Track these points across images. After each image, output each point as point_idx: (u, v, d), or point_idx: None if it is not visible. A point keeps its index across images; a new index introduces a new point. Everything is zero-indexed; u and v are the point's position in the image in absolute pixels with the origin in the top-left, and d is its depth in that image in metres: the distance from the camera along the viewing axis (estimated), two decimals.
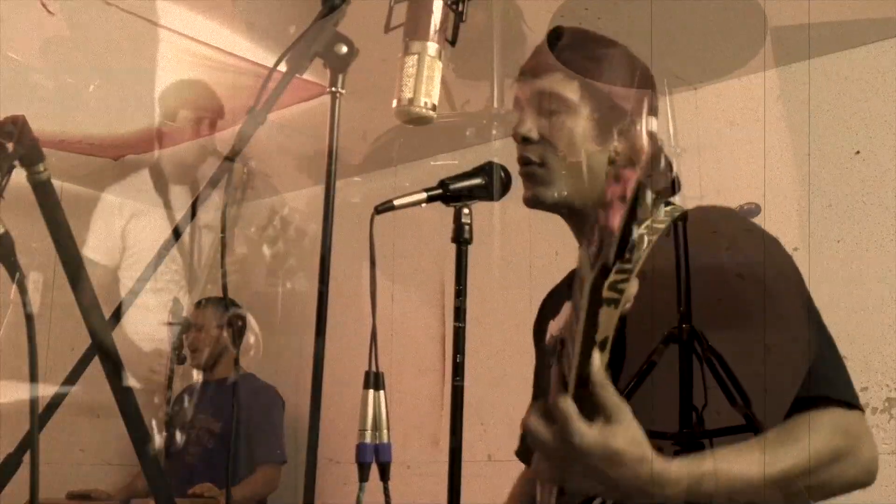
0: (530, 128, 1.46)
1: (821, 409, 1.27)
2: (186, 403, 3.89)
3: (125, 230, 3.65)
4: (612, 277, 1.33)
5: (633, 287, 1.32)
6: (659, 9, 2.83)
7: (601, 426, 1.06)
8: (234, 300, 3.94)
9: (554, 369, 1.11)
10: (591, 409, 1.07)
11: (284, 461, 3.98)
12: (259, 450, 3.89)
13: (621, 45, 1.49)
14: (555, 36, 1.48)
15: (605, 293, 1.32)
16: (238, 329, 3.97)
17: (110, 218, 3.62)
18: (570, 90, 1.43)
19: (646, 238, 1.37)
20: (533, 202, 1.47)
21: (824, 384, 1.29)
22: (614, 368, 1.30)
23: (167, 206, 3.61)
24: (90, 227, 3.65)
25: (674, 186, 1.53)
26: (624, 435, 1.07)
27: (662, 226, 1.37)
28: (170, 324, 3.50)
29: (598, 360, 1.09)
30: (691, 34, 2.99)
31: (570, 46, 1.46)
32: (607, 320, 1.32)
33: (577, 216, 1.48)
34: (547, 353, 1.56)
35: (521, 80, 1.49)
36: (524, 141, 1.46)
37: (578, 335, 1.06)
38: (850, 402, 1.31)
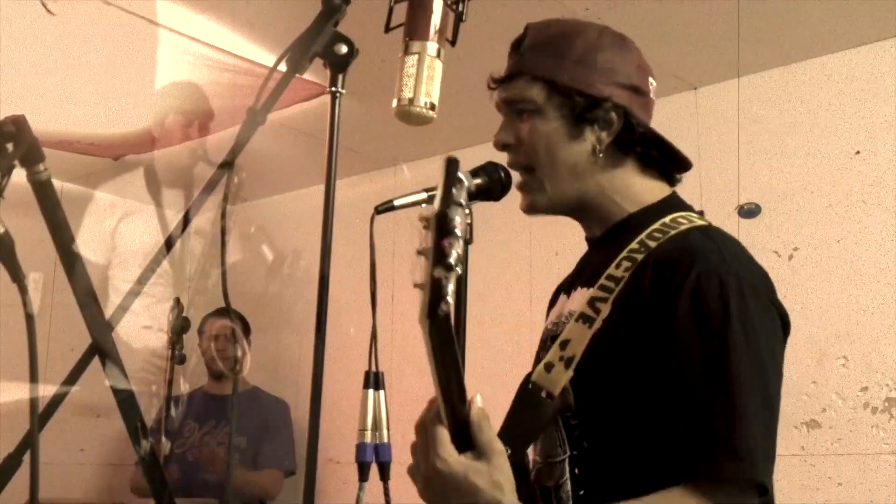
0: (506, 134, 1.46)
1: (687, 488, 1.19)
2: (193, 416, 3.87)
3: (116, 230, 3.65)
4: (594, 293, 1.32)
5: (605, 310, 1.31)
6: (659, 9, 2.83)
7: (469, 459, 1.09)
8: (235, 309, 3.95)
9: (435, 397, 1.13)
10: (467, 441, 1.10)
11: (291, 471, 3.98)
12: (264, 455, 3.89)
13: (589, 27, 1.46)
14: (519, 39, 1.48)
15: (584, 308, 1.32)
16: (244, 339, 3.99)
17: (103, 216, 3.62)
18: (535, 93, 1.42)
19: (633, 256, 1.33)
20: (529, 210, 1.47)
21: (711, 457, 1.20)
22: (581, 389, 1.29)
23: (160, 207, 3.62)
24: (83, 225, 3.65)
25: (680, 163, 1.50)
26: (487, 474, 1.09)
27: (654, 243, 1.34)
28: (170, 335, 3.51)
29: (478, 400, 1.12)
30: (691, 34, 2.99)
31: (532, 47, 1.44)
32: (578, 338, 1.31)
33: (579, 211, 1.48)
34: (540, 344, 1.56)
35: (493, 90, 1.49)
36: (504, 148, 1.47)
37: (434, 378, 1.08)
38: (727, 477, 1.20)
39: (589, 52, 1.42)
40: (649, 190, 1.46)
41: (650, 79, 1.46)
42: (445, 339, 1.02)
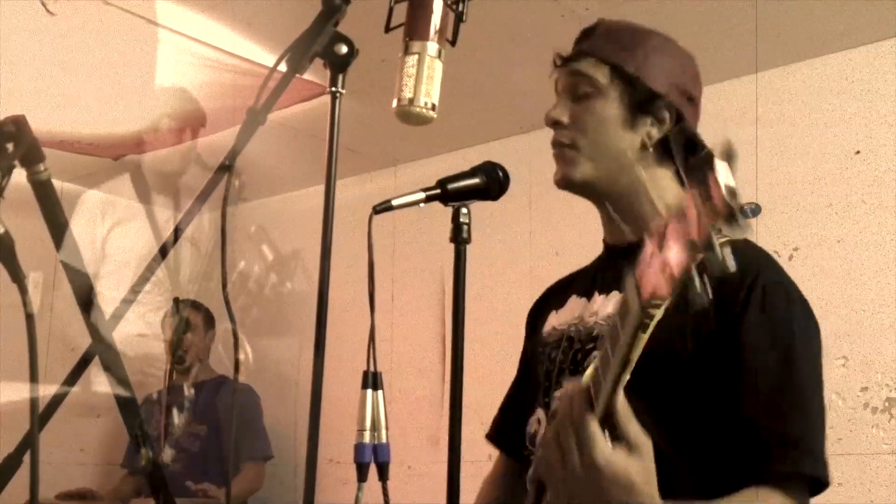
0: (561, 112, 1.48)
1: (768, 487, 1.27)
2: (166, 408, 3.88)
3: (106, 238, 3.65)
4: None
5: (658, 313, 1.32)
6: (658, 9, 2.83)
7: (623, 453, 1.06)
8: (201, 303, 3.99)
9: (571, 387, 1.10)
10: (614, 436, 1.07)
11: (269, 457, 4.00)
12: (243, 449, 3.90)
13: (660, 34, 1.53)
14: (592, 27, 1.52)
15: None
16: (213, 331, 4.03)
17: (91, 224, 3.62)
18: (601, 74, 1.46)
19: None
20: (563, 183, 1.49)
21: (793, 457, 1.29)
22: (634, 391, 1.30)
23: (147, 205, 3.63)
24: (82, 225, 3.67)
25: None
26: (641, 469, 1.07)
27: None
28: (170, 336, 3.53)
29: (621, 393, 1.08)
30: (691, 34, 2.99)
31: (604, 35, 1.50)
32: (639, 345, 1.32)
33: (606, 200, 1.49)
34: (544, 343, 1.55)
35: (557, 68, 1.52)
36: (555, 125, 1.49)
37: (614, 364, 1.03)
38: (814, 474, 1.31)
39: (656, 50, 1.48)
40: (676, 198, 1.48)
41: (699, 94, 1.53)
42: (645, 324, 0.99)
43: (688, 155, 1.46)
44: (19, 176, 1.24)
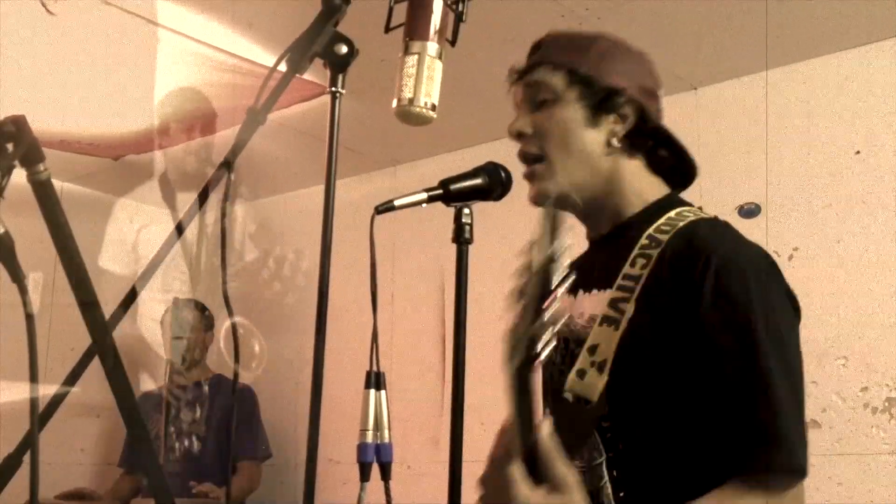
0: (523, 123, 1.48)
1: (741, 483, 1.23)
2: (155, 407, 3.90)
3: (137, 241, 3.67)
4: (614, 295, 1.33)
5: (629, 309, 1.32)
6: (659, 9, 2.83)
7: (546, 493, 1.07)
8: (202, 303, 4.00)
9: (503, 427, 1.12)
10: (540, 475, 1.08)
11: (267, 456, 4.01)
12: (239, 448, 3.90)
13: (609, 37, 1.52)
14: (540, 40, 1.53)
15: (606, 311, 1.33)
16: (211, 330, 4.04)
17: (123, 227, 3.64)
18: (557, 79, 1.46)
19: (647, 253, 1.36)
20: (539, 198, 1.48)
21: (764, 451, 1.24)
22: (616, 391, 1.30)
23: (174, 212, 3.64)
24: (104, 237, 3.69)
25: (688, 175, 1.53)
26: None
27: (665, 237, 1.37)
28: (169, 335, 3.53)
29: (546, 427, 1.10)
30: (691, 34, 2.99)
31: (552, 44, 1.51)
32: (607, 341, 1.32)
33: (585, 207, 1.49)
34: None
35: (512, 82, 1.52)
36: (519, 136, 1.48)
37: (515, 410, 1.08)
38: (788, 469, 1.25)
39: (609, 51, 1.48)
40: (649, 187, 1.49)
41: (660, 89, 1.51)
42: (528, 383, 1.05)
43: (655, 147, 1.47)
44: (19, 176, 1.24)
